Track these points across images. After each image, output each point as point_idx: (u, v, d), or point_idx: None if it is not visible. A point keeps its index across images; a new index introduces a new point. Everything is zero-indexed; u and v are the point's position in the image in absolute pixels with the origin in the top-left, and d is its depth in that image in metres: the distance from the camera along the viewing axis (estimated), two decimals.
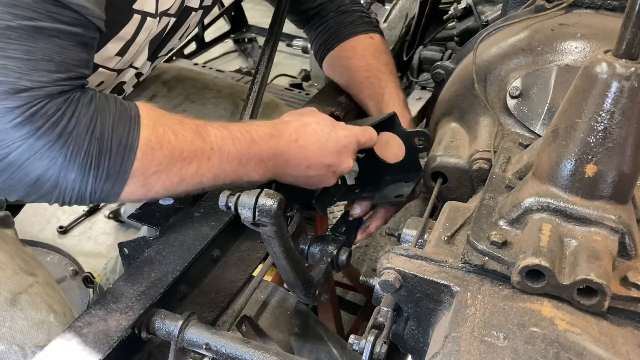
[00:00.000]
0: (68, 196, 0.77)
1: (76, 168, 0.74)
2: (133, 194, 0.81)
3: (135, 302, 0.80)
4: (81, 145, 0.74)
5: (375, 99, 1.30)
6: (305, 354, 1.01)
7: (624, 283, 0.64)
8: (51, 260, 2.06)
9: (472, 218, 0.75)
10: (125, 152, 0.77)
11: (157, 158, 0.80)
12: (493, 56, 1.10)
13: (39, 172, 0.73)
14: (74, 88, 0.76)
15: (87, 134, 0.75)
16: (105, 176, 0.77)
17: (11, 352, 0.90)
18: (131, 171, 0.78)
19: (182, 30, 1.16)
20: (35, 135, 0.71)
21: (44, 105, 0.72)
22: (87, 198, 0.78)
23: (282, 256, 0.79)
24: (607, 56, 0.61)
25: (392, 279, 0.70)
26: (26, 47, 0.70)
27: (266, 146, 0.91)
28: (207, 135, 0.86)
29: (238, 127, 0.91)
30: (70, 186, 0.75)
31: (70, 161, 0.74)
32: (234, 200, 0.72)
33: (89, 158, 0.75)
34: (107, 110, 0.78)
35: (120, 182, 0.78)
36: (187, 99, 1.47)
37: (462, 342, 0.60)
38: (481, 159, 1.01)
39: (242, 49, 3.71)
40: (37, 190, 0.76)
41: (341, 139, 0.99)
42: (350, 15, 1.36)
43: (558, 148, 0.66)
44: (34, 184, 0.75)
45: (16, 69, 0.70)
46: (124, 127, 0.78)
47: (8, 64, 0.69)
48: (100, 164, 0.76)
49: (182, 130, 0.84)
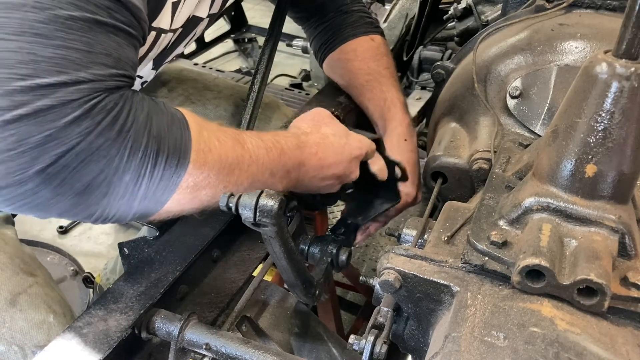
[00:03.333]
0: (116, 206, 0.71)
1: (132, 169, 0.69)
2: (179, 201, 0.76)
3: (135, 302, 0.80)
4: (140, 143, 0.69)
5: (376, 102, 1.30)
6: (305, 354, 1.01)
7: (624, 283, 0.64)
8: (51, 260, 2.06)
9: (472, 218, 0.75)
10: (180, 153, 0.73)
11: (209, 162, 0.76)
12: (493, 56, 1.10)
13: (92, 176, 0.67)
14: (127, 85, 0.72)
15: (145, 132, 0.70)
16: (159, 179, 0.72)
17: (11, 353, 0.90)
18: (185, 174, 0.74)
19: (189, 38, 1.15)
20: (95, 132, 0.65)
21: (102, 99, 0.67)
22: (133, 207, 0.72)
23: (282, 256, 0.79)
24: (607, 56, 0.61)
25: (392, 279, 0.70)
26: (87, 39, 0.66)
27: (293, 157, 0.90)
28: (244, 143, 0.83)
29: (269, 137, 0.89)
30: (122, 192, 0.70)
31: (127, 161, 0.68)
32: (234, 200, 0.72)
33: (146, 158, 0.70)
34: (160, 110, 0.74)
35: (172, 187, 0.74)
36: (187, 99, 1.47)
37: (462, 342, 0.60)
38: (481, 159, 1.01)
39: (242, 49, 3.71)
40: (85, 200, 0.68)
41: (354, 150, 0.99)
42: (351, 15, 1.36)
43: (558, 148, 0.66)
44: (84, 191, 0.68)
45: (76, 60, 0.65)
46: (177, 129, 0.74)
47: (69, 54, 0.65)
48: (156, 165, 0.71)
49: (222, 136, 0.80)
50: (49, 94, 0.63)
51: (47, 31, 0.64)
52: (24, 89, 0.62)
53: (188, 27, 1.07)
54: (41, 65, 0.63)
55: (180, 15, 0.98)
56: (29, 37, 0.63)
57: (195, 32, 1.15)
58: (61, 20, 0.64)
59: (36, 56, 0.63)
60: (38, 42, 0.63)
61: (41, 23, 0.63)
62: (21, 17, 0.63)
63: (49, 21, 0.64)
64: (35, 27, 0.63)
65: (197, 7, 1.03)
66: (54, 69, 0.64)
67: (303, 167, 0.92)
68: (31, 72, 0.63)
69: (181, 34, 1.07)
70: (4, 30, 0.62)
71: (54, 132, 0.63)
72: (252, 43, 3.70)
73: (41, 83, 0.63)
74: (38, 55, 0.63)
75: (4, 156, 0.63)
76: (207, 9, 1.09)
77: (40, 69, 0.63)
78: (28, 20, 0.63)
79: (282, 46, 3.31)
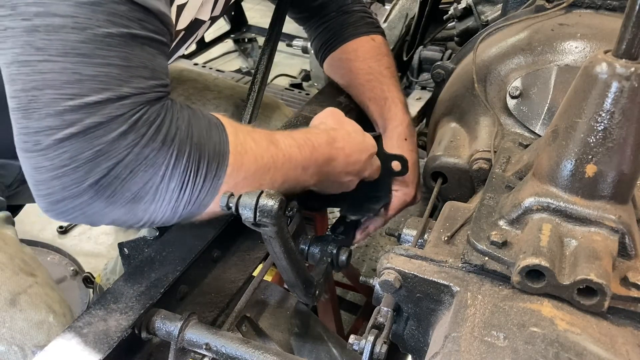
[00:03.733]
0: (162, 211, 0.75)
1: (177, 175, 0.73)
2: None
3: (135, 302, 0.80)
4: (183, 151, 0.73)
5: (377, 102, 1.30)
6: (305, 354, 1.01)
7: (624, 283, 0.64)
8: (51, 260, 2.06)
9: (472, 218, 0.75)
10: (220, 157, 0.77)
11: (246, 163, 0.80)
12: (493, 56, 1.10)
13: (141, 184, 0.71)
14: (166, 95, 0.76)
15: (188, 140, 0.74)
16: (202, 183, 0.76)
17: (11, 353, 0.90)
18: (225, 176, 0.77)
19: (190, 40, 1.16)
20: (140, 143, 0.70)
21: (145, 112, 0.71)
22: (179, 211, 0.76)
23: (282, 256, 0.79)
24: (607, 56, 0.61)
25: (392, 279, 0.70)
26: (125, 54, 0.69)
27: (324, 152, 0.93)
28: (277, 143, 0.86)
29: (300, 134, 0.93)
30: (168, 197, 0.74)
31: (173, 168, 0.72)
32: (234, 200, 0.72)
33: (191, 164, 0.74)
34: (198, 117, 0.78)
35: (214, 190, 0.77)
36: (187, 99, 1.47)
37: (462, 342, 0.60)
38: (481, 159, 1.01)
39: (242, 49, 3.71)
40: (135, 207, 0.73)
41: (370, 147, 1.04)
42: (352, 15, 1.36)
43: (558, 148, 0.66)
44: (134, 199, 0.72)
45: (118, 76, 0.68)
46: (215, 134, 0.78)
47: (110, 71, 0.68)
48: (199, 170, 0.75)
49: (257, 137, 0.84)
50: (96, 111, 0.67)
51: (88, 50, 0.66)
52: (73, 108, 0.66)
53: (190, 30, 1.07)
54: (86, 84, 0.67)
55: (183, 18, 0.99)
56: (73, 58, 0.66)
57: (197, 34, 1.15)
58: (100, 38, 0.67)
59: (81, 75, 0.66)
60: (81, 62, 0.66)
61: (82, 43, 0.66)
62: (63, 39, 0.65)
63: (89, 40, 0.66)
64: (77, 47, 0.66)
65: (199, 10, 1.04)
66: (99, 87, 0.67)
67: (333, 162, 0.96)
68: (78, 92, 0.66)
69: (183, 36, 1.07)
70: (47, 52, 0.65)
71: (103, 147, 0.68)
72: (252, 43, 3.70)
73: (89, 101, 0.67)
74: (83, 75, 0.66)
75: (59, 172, 0.68)
76: (209, 12, 1.09)
77: (86, 87, 0.67)
78: (70, 41, 0.66)
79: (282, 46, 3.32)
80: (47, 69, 0.65)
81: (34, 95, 0.66)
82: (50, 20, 0.65)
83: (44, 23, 0.65)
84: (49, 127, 0.67)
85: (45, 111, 0.66)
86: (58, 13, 0.65)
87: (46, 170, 0.68)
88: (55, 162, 0.67)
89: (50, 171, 0.68)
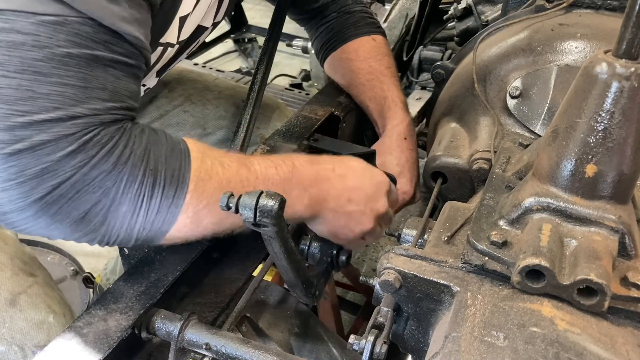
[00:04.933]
0: (115, 234, 0.74)
1: (128, 200, 0.72)
2: (181, 230, 0.78)
3: (135, 302, 0.80)
4: (135, 176, 0.72)
5: (377, 102, 1.30)
6: (305, 354, 1.00)
7: (624, 283, 0.64)
8: (51, 260, 2.06)
9: (472, 218, 0.75)
10: (178, 184, 0.75)
11: (208, 190, 0.78)
12: (493, 56, 1.10)
13: (89, 205, 0.71)
14: (125, 118, 0.75)
15: (142, 165, 0.73)
16: (157, 210, 0.74)
17: (11, 353, 0.90)
18: (183, 204, 0.76)
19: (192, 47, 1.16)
20: (89, 164, 0.69)
21: (97, 133, 0.70)
22: (133, 236, 0.75)
23: (282, 257, 0.79)
24: (607, 56, 0.61)
25: (392, 279, 0.70)
26: (83, 75, 0.69)
27: (307, 172, 0.89)
28: (250, 165, 0.84)
29: (278, 156, 0.90)
30: (119, 222, 0.73)
31: (123, 193, 0.71)
32: (234, 200, 0.72)
33: (143, 190, 0.73)
34: (159, 142, 0.77)
35: (171, 217, 0.76)
36: (187, 99, 1.47)
37: (462, 342, 0.60)
38: (481, 159, 1.01)
39: (242, 49, 3.71)
40: (84, 227, 0.72)
41: (376, 175, 0.97)
42: (353, 16, 1.36)
43: (558, 148, 0.66)
44: (82, 219, 0.71)
45: (72, 96, 0.68)
46: (175, 160, 0.76)
47: (65, 91, 0.68)
48: (153, 197, 0.73)
49: (227, 161, 0.82)
50: (46, 129, 0.67)
51: (45, 69, 0.67)
52: (23, 125, 0.66)
53: (193, 37, 1.07)
54: (38, 102, 0.67)
55: (186, 28, 0.99)
56: (29, 75, 0.66)
57: (199, 40, 1.15)
58: (58, 57, 0.67)
59: (34, 93, 0.67)
60: (36, 80, 0.67)
61: (40, 61, 0.66)
62: (21, 56, 0.66)
63: (46, 59, 0.67)
64: (34, 65, 0.66)
65: (203, 18, 1.04)
66: (50, 105, 0.67)
67: (322, 183, 0.89)
68: (29, 109, 0.66)
69: (186, 44, 1.07)
70: (5, 67, 0.66)
71: (50, 165, 0.68)
72: (252, 43, 3.69)
73: (38, 119, 0.67)
74: (36, 92, 0.67)
75: (7, 185, 0.68)
76: (212, 19, 1.10)
77: (38, 105, 0.67)
78: (27, 59, 0.66)
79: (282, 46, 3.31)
80: (3, 84, 0.66)
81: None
82: (12, 36, 0.65)
83: (6, 39, 0.65)
84: (0, 141, 0.67)
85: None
86: (21, 30, 0.65)
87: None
88: (3, 175, 0.67)
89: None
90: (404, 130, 1.27)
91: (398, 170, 1.22)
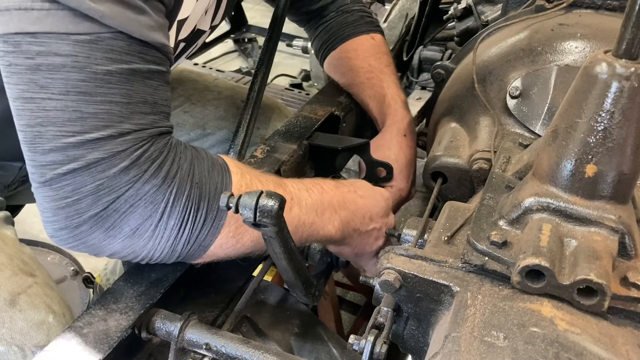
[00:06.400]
0: (160, 248, 0.76)
1: (176, 214, 0.74)
2: (222, 245, 0.80)
3: (135, 302, 0.80)
4: (183, 189, 0.74)
5: (377, 100, 1.31)
6: (305, 354, 1.00)
7: (624, 283, 0.64)
8: (51, 260, 2.06)
9: (472, 218, 0.75)
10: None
11: None
12: (493, 56, 1.10)
13: (140, 220, 0.73)
14: (168, 131, 0.77)
15: (189, 178, 0.75)
16: (202, 223, 0.76)
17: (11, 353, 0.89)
18: (226, 217, 0.78)
19: (191, 50, 1.16)
20: (142, 179, 0.71)
21: (147, 149, 0.72)
22: (178, 250, 0.77)
23: (282, 257, 0.79)
24: (607, 56, 0.61)
25: (392, 279, 0.70)
26: (125, 91, 0.70)
27: (335, 194, 0.93)
28: (285, 186, 0.87)
29: (307, 180, 0.94)
30: (167, 235, 0.75)
31: (172, 206, 0.73)
32: (234, 200, 0.72)
33: (190, 203, 0.75)
34: (201, 157, 0.79)
35: (214, 231, 0.78)
36: (187, 100, 1.47)
37: (462, 342, 0.60)
38: (481, 159, 1.01)
39: (242, 49, 3.71)
40: (134, 242, 0.74)
41: (384, 192, 1.04)
42: (352, 15, 1.37)
43: (558, 148, 0.66)
44: (133, 234, 0.73)
45: (118, 113, 0.70)
46: (217, 174, 0.79)
47: (111, 108, 0.69)
48: (199, 210, 0.76)
49: (264, 179, 0.84)
50: (99, 147, 0.69)
51: (89, 89, 0.68)
52: (75, 145, 0.68)
53: (191, 40, 1.07)
54: (88, 121, 0.69)
55: (183, 32, 1.00)
56: (74, 96, 0.68)
57: (198, 43, 1.15)
58: (100, 76, 0.68)
59: (82, 113, 0.68)
60: (82, 100, 0.68)
61: (82, 81, 0.68)
62: (64, 78, 0.67)
63: (89, 79, 0.68)
64: (78, 86, 0.68)
65: (200, 21, 1.04)
66: (100, 124, 0.69)
67: (350, 205, 0.94)
68: (79, 129, 0.68)
69: (184, 47, 1.08)
70: (50, 90, 0.67)
71: (105, 182, 0.70)
72: (252, 43, 3.70)
73: (90, 138, 0.69)
74: (84, 112, 0.68)
75: (63, 202, 0.71)
76: (209, 22, 1.10)
77: (88, 125, 0.69)
78: (70, 80, 0.67)
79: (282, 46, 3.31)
80: (50, 106, 0.67)
81: (38, 131, 0.69)
82: (51, 59, 0.66)
83: (45, 62, 0.66)
84: (53, 161, 0.69)
85: (49, 146, 0.69)
86: (58, 52, 0.66)
87: (51, 200, 0.71)
88: (60, 194, 0.70)
89: (55, 201, 0.71)
90: (404, 128, 1.27)
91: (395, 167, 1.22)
